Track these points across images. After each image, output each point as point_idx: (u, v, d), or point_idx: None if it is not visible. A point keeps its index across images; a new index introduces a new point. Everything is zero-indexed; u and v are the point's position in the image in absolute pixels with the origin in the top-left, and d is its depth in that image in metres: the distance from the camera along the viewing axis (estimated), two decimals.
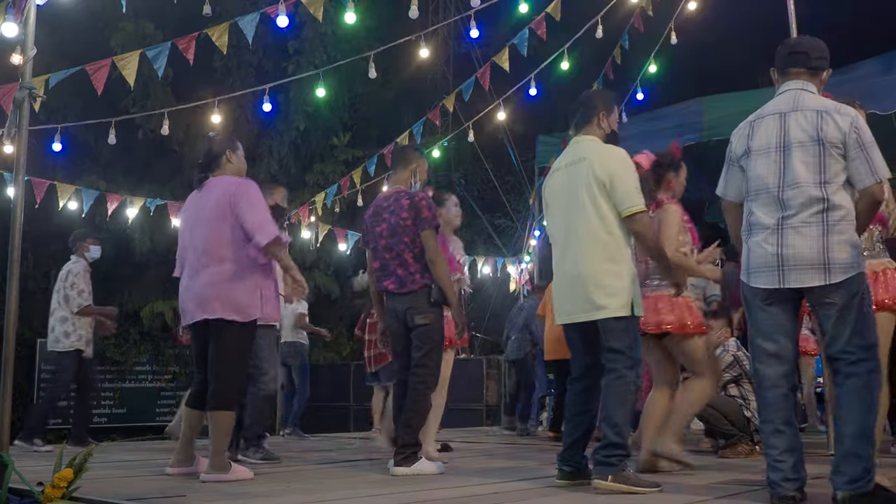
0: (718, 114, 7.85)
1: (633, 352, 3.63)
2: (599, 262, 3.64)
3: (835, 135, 3.03)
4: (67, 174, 10.63)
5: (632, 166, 3.74)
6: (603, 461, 3.52)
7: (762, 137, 3.19)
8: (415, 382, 4.30)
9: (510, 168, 14.55)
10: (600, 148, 3.80)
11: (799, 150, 3.07)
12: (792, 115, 3.13)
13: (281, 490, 3.68)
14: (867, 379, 2.99)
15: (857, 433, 2.94)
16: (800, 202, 3.04)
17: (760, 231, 3.14)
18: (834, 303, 3.01)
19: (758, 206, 3.17)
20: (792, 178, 3.07)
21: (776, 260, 3.07)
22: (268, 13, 6.63)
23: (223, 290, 4.01)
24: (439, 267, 4.33)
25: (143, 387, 13.68)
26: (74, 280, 6.50)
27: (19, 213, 3.88)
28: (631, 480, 3.49)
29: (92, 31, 11.92)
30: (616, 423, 3.55)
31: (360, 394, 11.31)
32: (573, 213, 3.74)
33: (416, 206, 4.36)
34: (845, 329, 3.00)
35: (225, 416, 4.02)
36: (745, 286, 3.21)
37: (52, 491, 3.13)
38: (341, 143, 14.38)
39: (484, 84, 8.34)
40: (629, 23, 8.41)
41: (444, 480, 4.03)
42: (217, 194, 4.12)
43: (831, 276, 2.99)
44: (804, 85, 3.22)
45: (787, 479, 3.04)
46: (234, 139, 4.48)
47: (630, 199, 3.63)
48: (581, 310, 3.69)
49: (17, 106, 3.96)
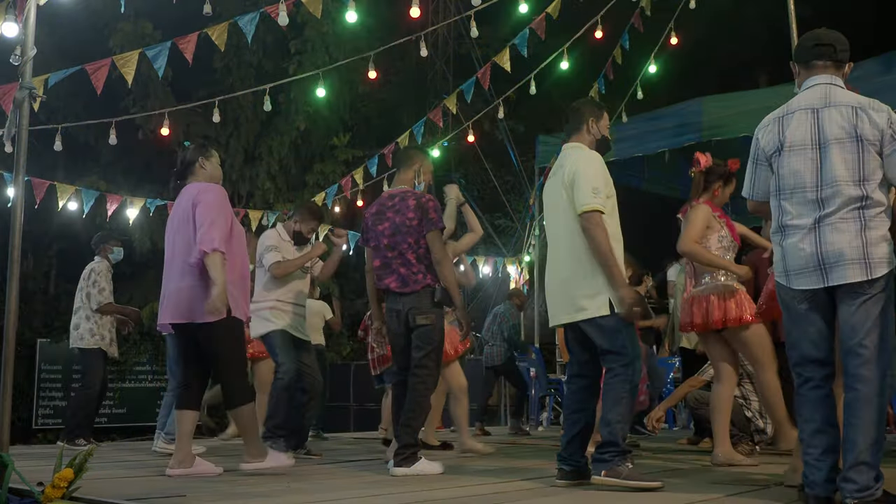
0: (718, 114, 7.87)
1: (628, 349, 3.66)
2: (575, 264, 3.74)
3: (871, 131, 2.96)
4: (67, 174, 10.63)
5: (597, 168, 3.78)
6: (598, 458, 3.61)
7: (795, 134, 3.09)
8: (415, 383, 4.30)
9: (510, 168, 14.54)
10: (575, 153, 3.90)
11: (837, 146, 2.99)
12: (825, 110, 3.05)
13: (281, 490, 3.67)
14: (878, 386, 2.92)
15: (870, 442, 2.89)
16: (839, 201, 2.96)
17: (796, 232, 3.05)
18: (864, 293, 2.94)
19: (792, 206, 3.07)
20: (831, 177, 2.98)
21: (816, 259, 2.99)
22: (267, 13, 6.62)
23: (192, 294, 4.13)
24: (445, 268, 4.35)
25: (143, 387, 13.68)
26: (97, 278, 6.62)
27: (19, 213, 3.89)
28: (623, 475, 3.51)
29: (92, 31, 11.92)
30: (610, 422, 3.61)
31: (360, 394, 11.32)
32: (556, 219, 3.89)
33: (422, 207, 4.37)
34: (867, 321, 2.93)
35: (245, 410, 4.22)
36: (784, 289, 3.13)
37: (52, 491, 3.13)
38: (341, 143, 14.38)
39: (484, 84, 8.34)
40: (629, 23, 8.41)
41: (444, 480, 4.03)
42: (184, 201, 4.27)
43: (873, 270, 2.93)
44: (832, 79, 3.13)
45: (828, 480, 2.97)
46: (207, 146, 4.57)
47: (584, 197, 3.68)
48: (565, 312, 3.81)
49: (17, 106, 3.97)
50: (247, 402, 4.22)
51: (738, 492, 3.51)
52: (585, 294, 3.69)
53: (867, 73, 6.50)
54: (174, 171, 4.48)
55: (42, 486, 3.21)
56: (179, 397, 4.33)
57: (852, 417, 2.93)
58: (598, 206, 3.67)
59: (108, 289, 6.70)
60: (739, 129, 7.46)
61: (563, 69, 8.33)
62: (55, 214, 9.23)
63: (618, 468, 3.52)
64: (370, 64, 7.62)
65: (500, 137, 13.56)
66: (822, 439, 3.01)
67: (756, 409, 5.32)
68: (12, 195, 4.14)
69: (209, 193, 4.24)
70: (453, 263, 5.10)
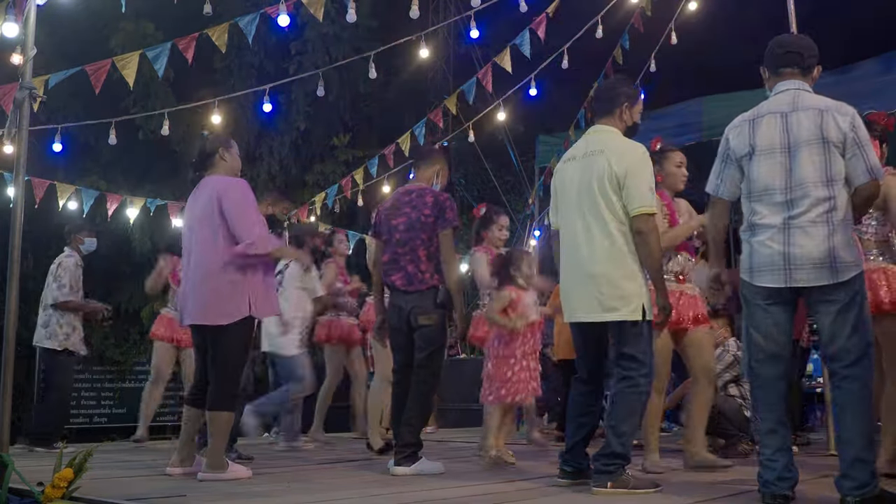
0: (718, 114, 7.85)
1: (648, 358, 3.55)
2: (612, 261, 3.52)
3: (835, 134, 3.05)
4: (67, 174, 10.62)
5: (650, 165, 3.62)
6: (602, 469, 3.49)
7: (764, 137, 3.17)
8: (417, 382, 4.31)
9: (510, 168, 14.54)
10: (620, 142, 3.66)
11: (805, 149, 3.07)
12: (794, 114, 3.13)
13: (281, 490, 3.67)
14: (866, 381, 3.01)
15: (864, 439, 2.96)
16: (808, 202, 3.04)
17: (765, 230, 3.13)
18: (837, 300, 3.02)
19: (762, 206, 3.15)
20: (800, 178, 3.06)
21: (782, 259, 3.07)
22: (268, 13, 6.63)
23: (209, 295, 4.02)
24: (452, 269, 4.34)
25: (143, 387, 13.64)
26: (61, 273, 6.29)
27: (19, 213, 3.89)
28: (630, 484, 3.48)
29: (92, 31, 11.91)
30: (622, 433, 3.50)
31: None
32: (586, 208, 3.59)
33: (440, 204, 4.36)
34: (846, 327, 3.01)
35: (222, 417, 4.04)
36: (747, 284, 3.21)
37: (52, 491, 3.13)
38: (342, 144, 14.38)
39: (486, 85, 8.33)
40: (629, 23, 8.41)
41: (444, 480, 4.03)
42: (206, 195, 4.12)
43: (839, 274, 3.00)
44: (800, 84, 3.23)
45: (781, 479, 3.07)
46: (227, 137, 4.44)
47: (642, 198, 3.51)
48: (590, 310, 3.57)
49: (17, 106, 3.97)
50: (229, 410, 4.09)
51: (738, 492, 3.51)
52: (620, 295, 3.49)
53: (867, 73, 6.51)
54: (192, 161, 4.33)
55: (42, 486, 3.21)
56: (192, 395, 4.24)
57: (845, 416, 3.02)
58: (654, 208, 3.55)
59: (71, 285, 6.28)
60: None
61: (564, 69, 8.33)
62: (55, 214, 9.23)
63: (623, 478, 3.48)
64: (370, 64, 7.62)
65: (500, 137, 13.56)
66: (775, 439, 3.11)
67: None
68: (12, 195, 4.14)
69: (237, 187, 4.10)
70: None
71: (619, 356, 3.57)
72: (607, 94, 3.78)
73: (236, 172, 4.32)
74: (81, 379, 12.71)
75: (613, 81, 3.99)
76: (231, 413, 4.13)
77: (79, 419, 12.79)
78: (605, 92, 3.82)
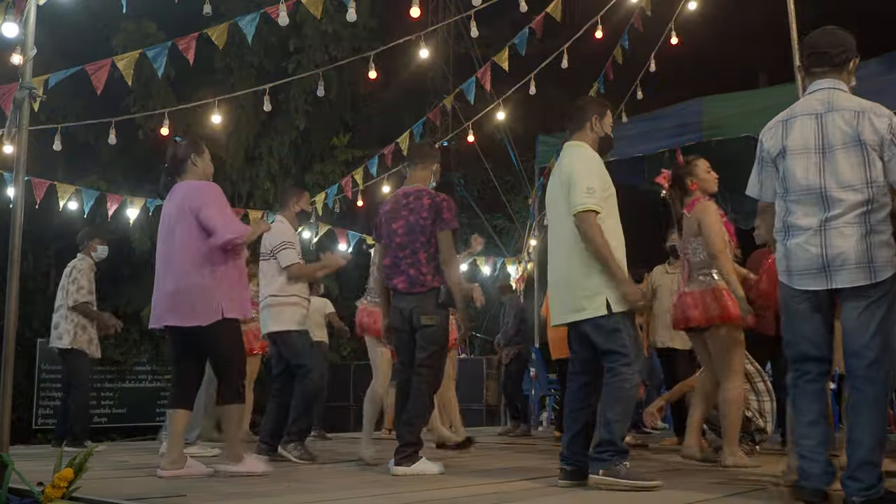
0: (718, 114, 7.86)
1: (628, 348, 3.66)
2: (574, 264, 3.74)
3: (872, 136, 3.01)
4: (67, 174, 10.62)
5: (592, 167, 3.79)
6: (595, 457, 3.61)
7: (798, 137, 3.15)
8: (418, 382, 4.32)
9: (510, 168, 14.54)
10: (573, 151, 3.90)
11: (842, 151, 3.05)
12: (828, 115, 3.10)
13: (281, 490, 3.67)
14: (884, 386, 2.99)
15: (875, 442, 2.96)
16: (845, 204, 3.01)
17: (801, 233, 3.10)
18: (868, 296, 3.00)
19: (798, 206, 3.12)
20: (838, 180, 3.03)
21: (821, 261, 3.04)
22: (268, 13, 6.62)
23: (194, 297, 4.11)
24: (452, 269, 4.37)
25: (143, 387, 13.69)
26: (77, 276, 6.43)
27: (19, 213, 3.88)
28: (622, 474, 3.50)
29: (92, 31, 11.93)
30: (609, 421, 3.61)
31: (360, 394, 11.32)
32: (555, 219, 3.91)
33: (437, 206, 4.38)
34: (871, 325, 2.99)
35: (236, 409, 4.21)
36: (787, 288, 3.18)
37: (52, 491, 3.13)
38: (341, 144, 14.38)
39: (485, 84, 8.33)
40: (629, 23, 8.41)
41: (444, 480, 4.03)
42: (178, 200, 4.23)
43: (876, 274, 2.98)
44: (835, 83, 3.19)
45: (825, 472, 3.04)
46: (199, 143, 4.51)
47: (578, 197, 3.69)
48: (566, 311, 3.81)
49: (17, 106, 3.96)
50: (240, 402, 4.23)
51: (738, 492, 3.51)
52: (584, 294, 3.71)
53: (870, 73, 6.49)
54: (164, 167, 4.44)
55: (42, 486, 3.21)
56: (172, 396, 4.31)
57: (858, 417, 3.00)
58: (592, 205, 3.67)
59: (88, 288, 6.44)
60: (739, 129, 7.46)
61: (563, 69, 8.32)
62: (55, 214, 9.23)
63: (616, 467, 3.52)
64: (370, 64, 7.62)
65: (500, 137, 13.56)
66: (817, 431, 3.09)
67: (755, 409, 5.32)
68: (12, 195, 4.14)
69: (209, 190, 4.22)
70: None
71: (602, 351, 3.72)
72: (577, 112, 4.01)
73: (208, 177, 4.41)
74: None
75: (583, 100, 4.18)
76: (241, 405, 4.25)
77: None
78: (574, 111, 4.03)
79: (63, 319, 6.37)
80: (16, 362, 3.80)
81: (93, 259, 6.62)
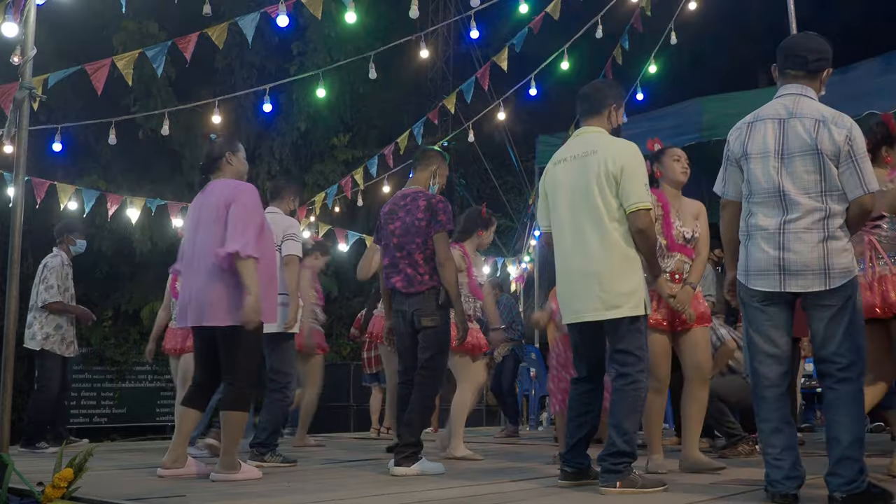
0: (718, 114, 7.84)
1: (645, 353, 3.57)
2: (612, 259, 3.52)
3: (829, 146, 3.05)
4: (67, 174, 10.63)
5: (643, 162, 3.64)
6: (611, 469, 3.47)
7: (759, 142, 3.18)
8: (420, 383, 4.32)
9: (510, 168, 14.56)
10: (613, 141, 3.67)
11: (799, 158, 3.09)
12: (790, 121, 3.13)
13: (281, 490, 3.67)
14: (859, 384, 3.06)
15: (853, 438, 3.00)
16: (805, 208, 3.05)
17: (760, 234, 3.15)
18: (830, 305, 3.05)
19: (759, 208, 3.17)
20: (795, 184, 3.08)
21: (777, 264, 3.09)
22: (268, 13, 6.63)
23: (221, 296, 3.98)
24: (448, 270, 4.35)
25: (143, 387, 13.69)
26: (47, 274, 6.22)
27: (19, 213, 3.89)
28: (639, 483, 3.47)
29: (92, 31, 11.92)
30: (626, 431, 3.49)
31: (359, 394, 11.32)
32: (581, 208, 3.60)
33: (432, 208, 4.38)
34: (838, 330, 3.04)
35: (237, 417, 4.03)
36: (743, 287, 3.23)
37: (52, 491, 3.13)
38: (341, 144, 14.40)
39: (484, 84, 8.34)
40: (629, 23, 8.41)
41: (444, 480, 4.03)
42: (215, 198, 4.10)
43: (831, 281, 3.03)
44: (803, 89, 3.21)
45: (788, 478, 3.08)
46: (234, 141, 4.43)
47: (640, 194, 3.53)
48: (592, 308, 3.56)
49: (17, 106, 3.97)
50: (244, 410, 4.09)
51: (738, 492, 3.51)
52: (622, 292, 3.50)
53: (867, 73, 6.49)
54: (200, 165, 4.35)
55: (42, 486, 3.21)
56: (189, 395, 4.23)
57: (835, 415, 3.06)
58: (650, 203, 3.57)
59: (58, 285, 6.20)
60: None
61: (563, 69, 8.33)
62: (55, 214, 9.23)
63: (632, 478, 3.47)
64: (370, 64, 7.62)
65: (499, 137, 13.57)
66: (781, 438, 3.13)
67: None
68: (12, 195, 4.14)
69: (245, 194, 4.08)
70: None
71: (615, 352, 3.58)
72: (596, 95, 3.79)
73: (242, 176, 4.31)
74: (81, 379, 12.72)
75: (600, 83, 3.99)
76: (245, 413, 4.13)
77: (79, 419, 12.79)
78: (592, 93, 3.81)
79: (35, 320, 6.22)
80: (15, 362, 3.80)
81: (70, 253, 6.44)
